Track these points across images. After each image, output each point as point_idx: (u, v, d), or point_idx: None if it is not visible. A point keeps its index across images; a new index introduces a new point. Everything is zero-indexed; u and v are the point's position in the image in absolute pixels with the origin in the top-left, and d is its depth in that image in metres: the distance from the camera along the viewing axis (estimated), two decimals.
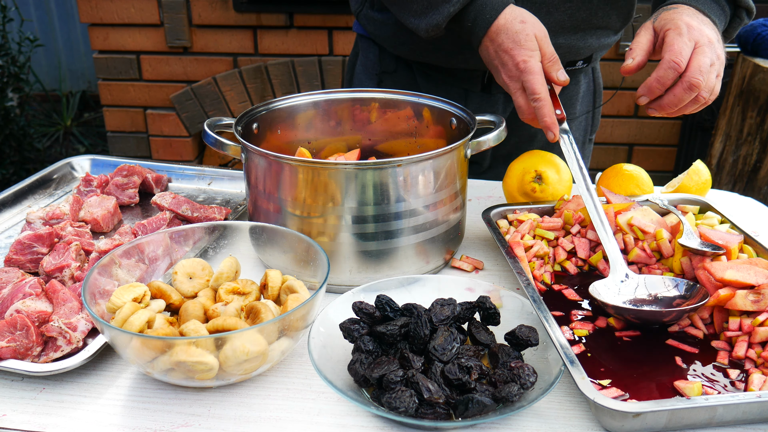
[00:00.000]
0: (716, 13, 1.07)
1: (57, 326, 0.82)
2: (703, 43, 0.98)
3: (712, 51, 0.99)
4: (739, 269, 0.87)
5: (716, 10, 1.07)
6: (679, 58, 0.97)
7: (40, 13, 4.18)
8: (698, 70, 0.97)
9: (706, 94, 0.98)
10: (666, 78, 0.98)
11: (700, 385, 0.76)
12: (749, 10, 1.12)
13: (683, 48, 0.98)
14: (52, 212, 1.12)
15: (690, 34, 0.99)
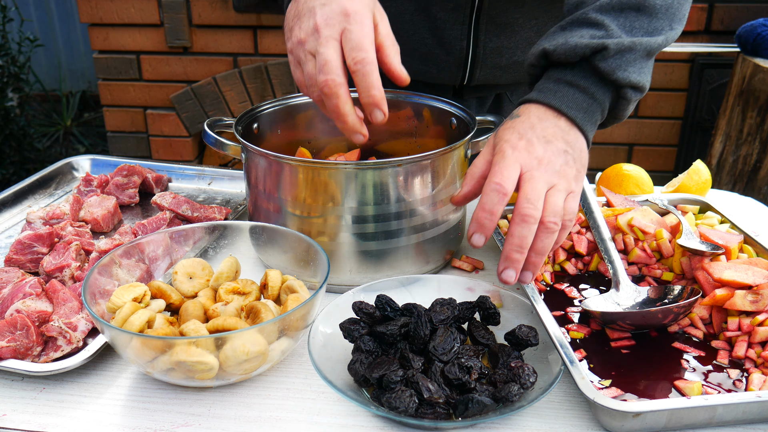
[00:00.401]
0: (578, 106, 0.86)
1: (57, 326, 0.82)
2: (531, 168, 0.81)
3: (547, 171, 0.81)
4: (737, 269, 0.87)
5: (579, 101, 0.86)
6: (500, 179, 0.79)
7: (40, 13, 4.18)
8: (526, 198, 0.79)
9: (555, 218, 0.79)
10: (491, 201, 0.79)
11: (700, 385, 0.76)
12: (636, 86, 0.88)
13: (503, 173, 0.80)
14: (52, 212, 1.12)
15: (516, 159, 0.81)
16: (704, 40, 2.87)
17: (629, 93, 0.88)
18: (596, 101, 0.87)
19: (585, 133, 0.86)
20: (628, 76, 0.86)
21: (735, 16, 2.82)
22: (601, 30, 0.87)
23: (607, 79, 0.86)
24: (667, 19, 0.90)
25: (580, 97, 0.86)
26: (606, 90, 0.87)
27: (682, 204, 1.11)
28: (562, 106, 0.85)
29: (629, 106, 0.90)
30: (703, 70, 2.88)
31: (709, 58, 2.86)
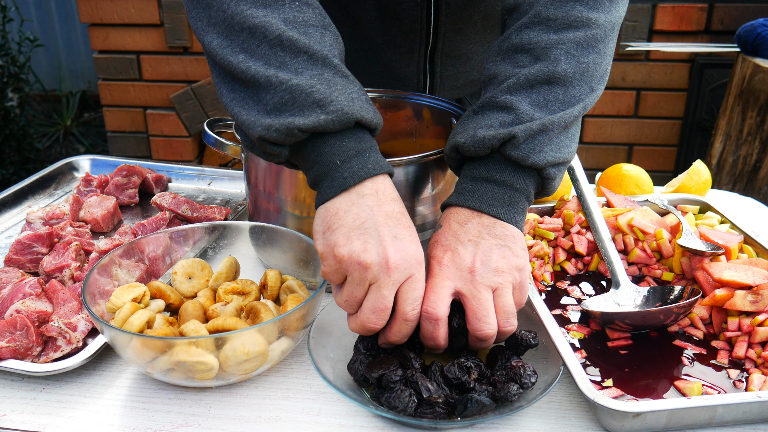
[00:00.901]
0: (499, 201, 0.81)
1: (57, 326, 0.82)
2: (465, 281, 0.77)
3: (484, 278, 0.77)
4: (737, 270, 0.87)
5: (499, 196, 0.81)
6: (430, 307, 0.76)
7: (40, 13, 4.18)
8: (476, 318, 0.76)
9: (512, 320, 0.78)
10: (427, 329, 0.77)
11: (700, 385, 0.76)
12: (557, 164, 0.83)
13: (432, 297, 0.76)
14: (52, 212, 1.12)
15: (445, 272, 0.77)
16: (704, 40, 2.87)
17: (551, 171, 0.83)
18: (517, 191, 0.82)
19: (515, 224, 0.81)
20: (545, 157, 0.81)
21: (735, 16, 2.82)
22: (511, 114, 0.81)
23: (523, 165, 0.81)
24: (584, 84, 0.85)
25: (500, 192, 0.81)
26: (526, 175, 0.82)
27: (682, 204, 1.11)
28: (482, 207, 0.81)
29: (556, 180, 0.85)
30: (703, 70, 2.88)
31: (709, 58, 2.86)
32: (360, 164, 0.77)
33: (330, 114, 0.76)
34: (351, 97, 0.78)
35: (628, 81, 2.96)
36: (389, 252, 0.74)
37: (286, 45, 0.78)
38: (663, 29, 2.85)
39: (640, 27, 2.84)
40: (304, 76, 0.77)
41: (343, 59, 0.85)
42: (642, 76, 2.95)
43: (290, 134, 0.76)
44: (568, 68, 0.83)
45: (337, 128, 0.77)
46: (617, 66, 2.93)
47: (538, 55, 0.83)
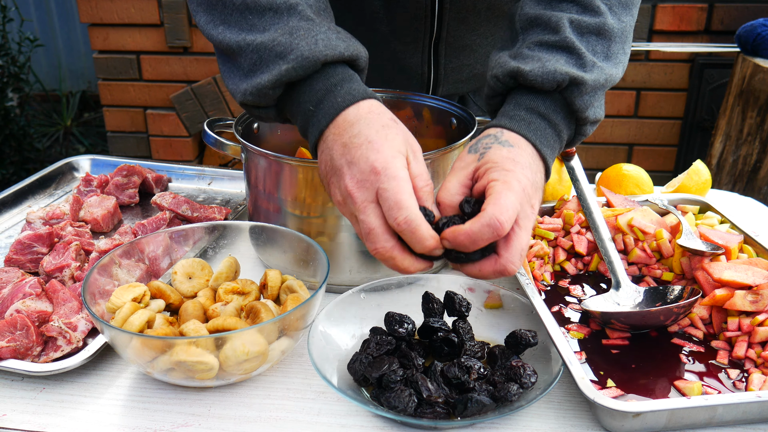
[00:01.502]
0: (549, 143, 0.81)
1: (57, 326, 0.82)
2: (523, 217, 0.73)
3: (529, 229, 0.74)
4: (737, 270, 0.87)
5: (549, 138, 0.81)
6: (504, 217, 0.70)
7: (40, 13, 4.18)
8: (518, 254, 0.73)
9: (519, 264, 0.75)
10: (481, 236, 0.71)
11: (700, 385, 0.76)
12: (595, 121, 0.85)
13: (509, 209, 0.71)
14: (52, 212, 1.12)
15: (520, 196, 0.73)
16: (704, 40, 2.87)
17: (589, 129, 0.84)
18: (560, 138, 0.83)
19: (548, 169, 0.81)
20: (596, 113, 0.83)
21: (735, 16, 2.82)
22: (573, 56, 0.82)
23: (578, 116, 0.82)
24: (622, 44, 0.86)
25: (551, 134, 0.82)
26: (570, 125, 0.83)
27: (682, 204, 1.11)
28: (537, 142, 0.80)
29: (583, 137, 0.86)
30: (703, 70, 2.89)
31: (709, 58, 2.86)
32: (330, 103, 0.77)
33: (290, 62, 0.76)
34: (315, 40, 0.77)
35: (628, 81, 2.96)
36: (347, 183, 0.73)
37: (252, 7, 0.80)
38: (663, 29, 2.85)
39: (640, 27, 2.84)
40: (269, 32, 0.78)
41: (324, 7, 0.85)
42: (642, 76, 2.95)
43: (261, 94, 0.78)
44: (614, 24, 0.84)
45: (302, 74, 0.77)
46: None
47: (584, 4, 0.84)
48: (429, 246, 0.72)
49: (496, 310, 0.90)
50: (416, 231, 0.71)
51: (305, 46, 0.77)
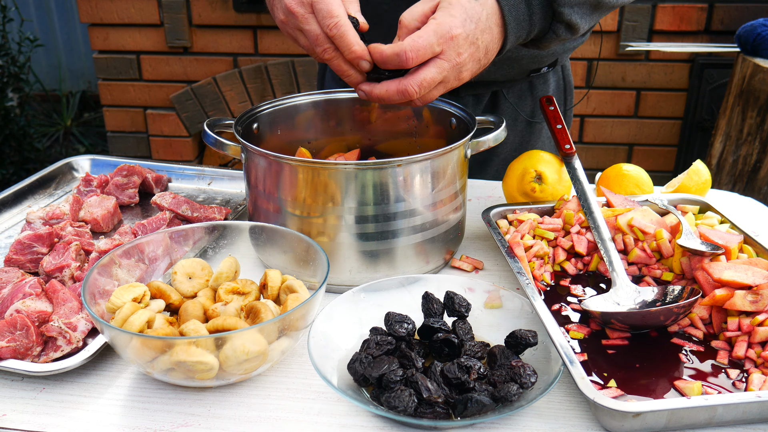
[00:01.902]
0: (516, 18, 0.91)
1: (57, 326, 0.82)
2: (445, 57, 0.86)
3: (453, 72, 0.87)
4: (737, 270, 0.87)
5: (519, 14, 0.91)
6: (411, 54, 0.84)
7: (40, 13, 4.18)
8: (418, 82, 0.86)
9: (419, 102, 0.90)
10: (390, 60, 0.85)
11: (700, 385, 0.76)
12: (570, 25, 0.94)
13: (420, 48, 0.84)
14: (52, 212, 1.12)
15: (442, 37, 0.85)
16: (704, 40, 2.87)
17: (561, 29, 0.94)
18: (531, 19, 0.92)
19: (505, 39, 0.91)
20: (572, 14, 0.93)
21: (735, 16, 2.82)
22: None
23: (555, 8, 0.92)
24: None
25: (523, 9, 0.91)
26: (544, 16, 0.93)
27: (682, 204, 1.11)
28: (504, 6, 0.90)
29: (555, 41, 0.96)
30: (703, 70, 2.89)
31: (709, 58, 2.86)
32: None
33: None
34: None
35: (628, 81, 2.96)
36: (287, 1, 0.88)
37: None
38: (663, 29, 2.85)
39: (640, 27, 2.84)
40: None
41: None
42: (642, 76, 2.95)
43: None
44: None
45: None
46: (617, 66, 2.93)
47: None
48: (356, 52, 0.86)
49: (496, 310, 0.90)
50: (345, 35, 0.85)
51: None
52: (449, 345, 0.80)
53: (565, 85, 1.45)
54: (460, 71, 0.88)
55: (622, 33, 2.86)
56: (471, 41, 0.87)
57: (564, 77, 1.46)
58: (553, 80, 1.42)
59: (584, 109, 3.04)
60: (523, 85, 1.39)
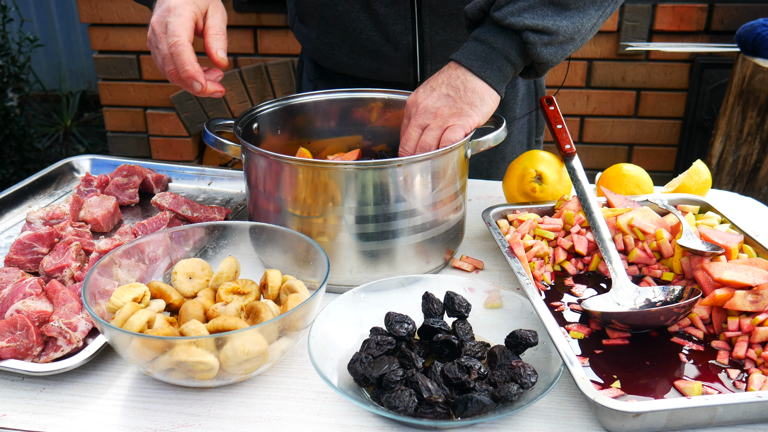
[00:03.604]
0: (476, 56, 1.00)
1: (57, 326, 0.82)
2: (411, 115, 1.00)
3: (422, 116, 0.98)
4: (737, 270, 0.87)
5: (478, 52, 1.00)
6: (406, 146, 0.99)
7: (40, 13, 4.18)
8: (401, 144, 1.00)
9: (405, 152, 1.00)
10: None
11: (700, 385, 0.76)
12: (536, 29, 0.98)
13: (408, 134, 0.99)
14: (52, 212, 1.12)
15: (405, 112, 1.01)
16: (704, 40, 2.87)
17: (530, 36, 0.97)
18: (495, 50, 0.99)
19: (484, 79, 0.98)
20: (522, 21, 0.96)
21: (735, 16, 2.82)
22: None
23: (501, 26, 0.98)
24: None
25: (480, 48, 0.99)
26: (506, 37, 0.99)
27: (682, 204, 1.11)
28: (461, 59, 0.99)
29: (539, 49, 0.98)
30: (703, 70, 2.88)
31: (709, 58, 2.86)
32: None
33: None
34: None
35: (628, 81, 2.96)
36: (153, 20, 0.98)
37: None
38: (663, 29, 2.85)
39: (640, 27, 2.84)
40: None
41: None
42: (642, 76, 2.95)
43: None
44: None
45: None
46: (617, 66, 2.93)
47: None
48: (189, 71, 0.95)
49: (496, 310, 0.90)
50: (180, 54, 0.95)
51: None
52: (449, 346, 0.80)
53: (536, 88, 1.44)
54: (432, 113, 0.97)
55: (622, 33, 2.85)
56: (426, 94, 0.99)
57: (534, 81, 1.44)
58: (522, 84, 1.41)
59: (584, 109, 3.04)
60: None
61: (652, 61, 2.92)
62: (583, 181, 1.05)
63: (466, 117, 0.97)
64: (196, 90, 0.98)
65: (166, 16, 0.96)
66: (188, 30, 0.96)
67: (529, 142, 1.49)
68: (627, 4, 2.80)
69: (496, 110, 1.39)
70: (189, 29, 0.96)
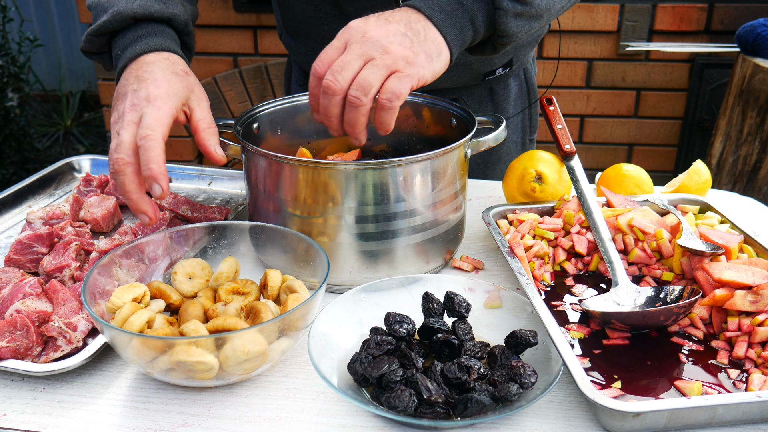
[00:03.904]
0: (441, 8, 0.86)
1: (57, 326, 0.82)
2: (353, 41, 0.82)
3: (367, 44, 0.81)
4: (737, 270, 0.87)
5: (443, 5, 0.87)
6: (318, 63, 0.83)
7: (40, 13, 4.18)
8: (331, 69, 0.81)
9: (358, 93, 0.81)
10: (312, 86, 0.85)
11: (700, 385, 0.76)
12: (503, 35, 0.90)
13: (326, 51, 0.84)
14: (52, 212, 1.12)
15: (343, 34, 0.83)
16: (704, 40, 2.87)
17: (504, 1, 0.88)
18: (463, 6, 0.87)
19: (444, 35, 0.85)
20: (505, 27, 0.88)
21: (735, 16, 2.82)
22: None
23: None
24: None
25: (445, 1, 0.87)
26: (482, 28, 0.89)
27: (682, 204, 1.11)
28: (421, 6, 0.86)
29: (509, 19, 0.88)
30: (703, 70, 2.89)
31: (709, 58, 2.86)
32: (132, 49, 0.94)
33: (109, 16, 0.95)
34: (133, 1, 0.96)
35: (628, 81, 2.96)
36: (125, 105, 0.87)
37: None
38: (663, 29, 2.85)
39: (640, 27, 2.84)
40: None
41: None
42: (642, 76, 2.95)
43: (89, 41, 0.98)
44: None
45: (117, 27, 0.96)
46: (617, 66, 2.93)
47: None
48: (153, 169, 0.82)
49: (496, 310, 0.90)
50: (150, 150, 0.82)
51: (123, 4, 0.96)
52: (449, 346, 0.80)
53: (528, 88, 1.43)
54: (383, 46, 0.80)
55: (622, 33, 2.85)
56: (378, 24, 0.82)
57: (526, 80, 1.43)
58: (514, 84, 1.40)
59: (584, 109, 3.04)
60: (482, 91, 1.38)
61: (652, 61, 2.92)
62: (583, 181, 1.05)
63: (419, 67, 0.83)
64: (156, 193, 0.85)
65: (143, 105, 0.86)
66: (165, 126, 0.85)
67: (523, 141, 1.48)
68: (627, 4, 2.80)
69: (491, 110, 1.40)
70: (166, 126, 0.85)
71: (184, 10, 1.03)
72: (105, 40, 0.98)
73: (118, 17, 0.95)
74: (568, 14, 2.84)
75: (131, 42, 0.95)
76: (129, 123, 0.85)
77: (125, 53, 0.95)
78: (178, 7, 1.01)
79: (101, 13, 0.97)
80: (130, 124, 0.85)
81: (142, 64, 0.92)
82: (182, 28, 1.02)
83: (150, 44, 0.95)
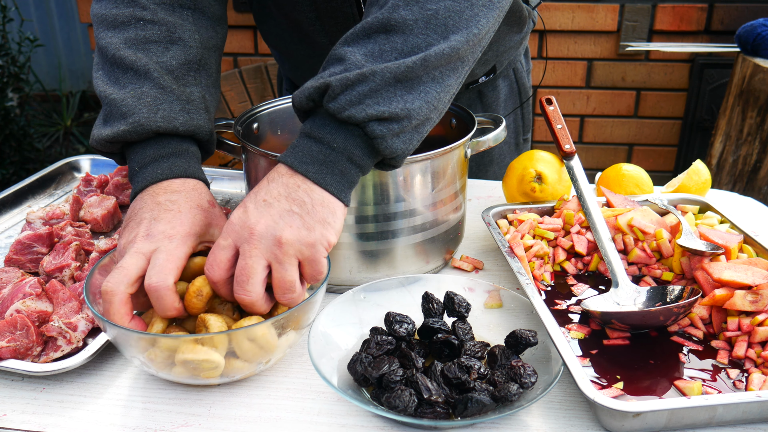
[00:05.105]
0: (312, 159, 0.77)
1: (57, 326, 0.82)
2: (242, 242, 0.75)
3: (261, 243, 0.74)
4: (737, 270, 0.87)
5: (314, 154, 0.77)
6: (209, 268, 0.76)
7: (40, 13, 4.18)
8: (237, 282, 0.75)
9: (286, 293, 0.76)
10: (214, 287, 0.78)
11: (700, 385, 0.76)
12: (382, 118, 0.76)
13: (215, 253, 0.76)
14: (52, 212, 1.12)
15: (228, 233, 0.76)
16: (704, 40, 2.87)
17: (376, 128, 0.75)
18: (335, 150, 0.77)
19: (326, 188, 0.77)
20: (365, 110, 0.74)
21: (735, 16, 2.82)
22: (341, 65, 0.77)
23: (339, 119, 0.76)
24: (430, 32, 0.76)
25: (316, 149, 0.77)
26: (348, 133, 0.77)
27: (682, 204, 1.11)
28: (294, 163, 0.77)
29: (390, 141, 0.77)
30: (703, 70, 2.89)
31: (709, 58, 2.86)
32: (151, 170, 0.85)
33: (128, 125, 0.84)
34: (156, 109, 0.86)
35: (628, 81, 2.96)
36: (140, 232, 0.79)
37: (119, 63, 0.88)
38: (663, 29, 2.85)
39: (640, 27, 2.84)
40: (125, 90, 0.87)
41: (196, 68, 0.92)
42: (642, 76, 2.95)
43: (102, 144, 0.87)
44: (407, 15, 0.77)
45: (136, 138, 0.85)
46: (617, 66, 2.93)
47: (379, 3, 0.80)
48: (170, 315, 0.77)
49: (496, 310, 0.90)
50: (162, 299, 0.75)
51: (145, 113, 0.85)
52: (449, 346, 0.80)
53: (519, 88, 1.41)
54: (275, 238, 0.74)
55: (622, 33, 2.85)
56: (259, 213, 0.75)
57: (517, 80, 1.41)
58: (503, 85, 1.39)
59: (584, 109, 3.04)
60: (471, 95, 1.37)
61: (652, 61, 2.92)
62: (583, 181, 1.05)
63: (321, 239, 0.76)
64: None
65: (159, 239, 0.77)
66: (177, 270, 0.76)
67: (516, 142, 1.47)
68: (627, 4, 2.80)
69: (484, 110, 1.40)
70: (178, 269, 0.76)
71: (208, 117, 0.91)
72: (119, 146, 0.88)
73: (140, 130, 0.84)
74: (568, 14, 2.84)
75: (152, 161, 0.85)
76: (137, 253, 0.76)
77: (145, 173, 0.85)
78: (202, 116, 0.90)
79: (118, 119, 0.85)
80: (138, 254, 0.76)
81: (165, 191, 0.83)
82: (207, 138, 0.91)
83: (174, 169, 0.85)
